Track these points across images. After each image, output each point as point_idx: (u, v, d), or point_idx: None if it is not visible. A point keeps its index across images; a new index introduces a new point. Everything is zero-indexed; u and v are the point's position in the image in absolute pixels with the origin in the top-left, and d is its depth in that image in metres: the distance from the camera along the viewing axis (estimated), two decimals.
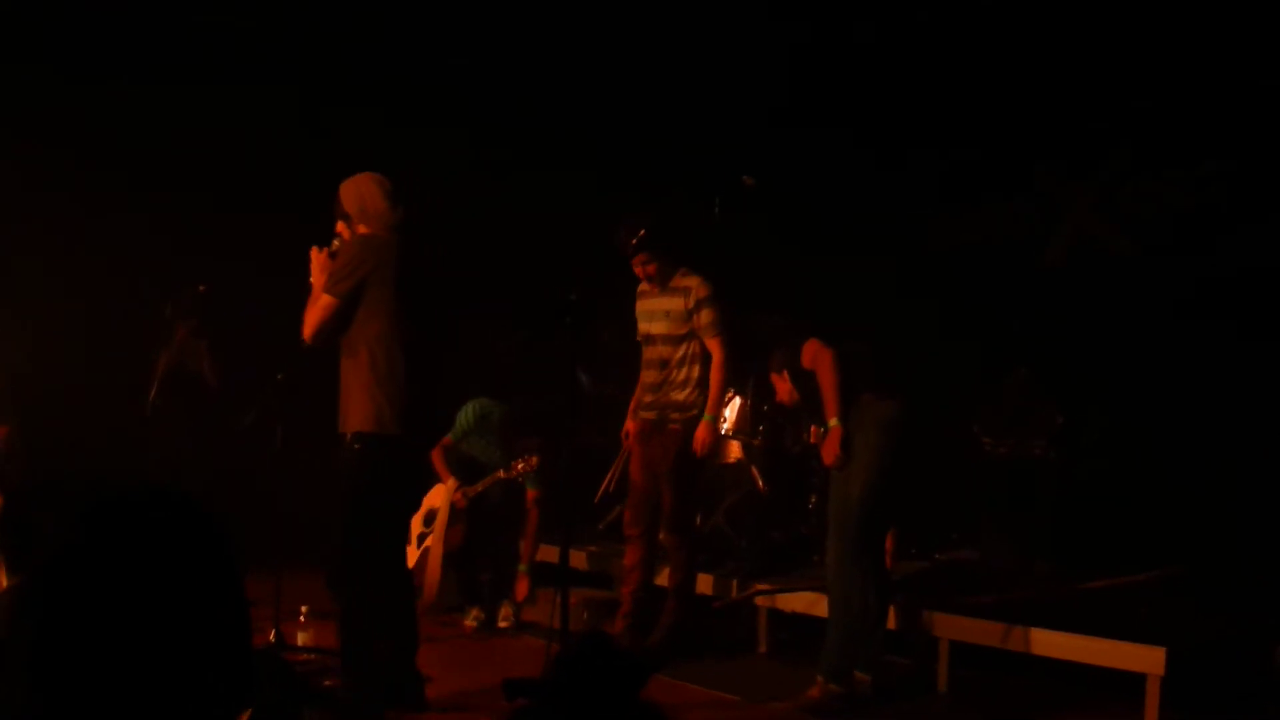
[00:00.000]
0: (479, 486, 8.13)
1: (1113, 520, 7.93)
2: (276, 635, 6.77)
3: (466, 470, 8.30)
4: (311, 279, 5.63)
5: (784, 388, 6.74)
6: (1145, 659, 5.66)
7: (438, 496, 8.26)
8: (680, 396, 7.11)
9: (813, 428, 8.52)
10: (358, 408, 5.43)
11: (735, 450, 8.57)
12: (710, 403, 7.03)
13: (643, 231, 6.98)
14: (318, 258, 5.64)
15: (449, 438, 8.34)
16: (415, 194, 5.73)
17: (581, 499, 8.38)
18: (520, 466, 7.95)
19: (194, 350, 8.72)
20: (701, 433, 6.98)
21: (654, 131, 10.00)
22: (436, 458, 8.32)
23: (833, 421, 6.27)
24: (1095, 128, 9.04)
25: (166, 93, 9.09)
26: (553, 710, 1.42)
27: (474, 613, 8.15)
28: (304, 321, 5.52)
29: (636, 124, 10.09)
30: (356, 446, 5.42)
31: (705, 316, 7.01)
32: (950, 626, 6.53)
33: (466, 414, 8.34)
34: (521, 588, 8.20)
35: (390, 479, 5.48)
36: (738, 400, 8.43)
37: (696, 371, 7.10)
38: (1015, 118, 9.20)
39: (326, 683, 5.53)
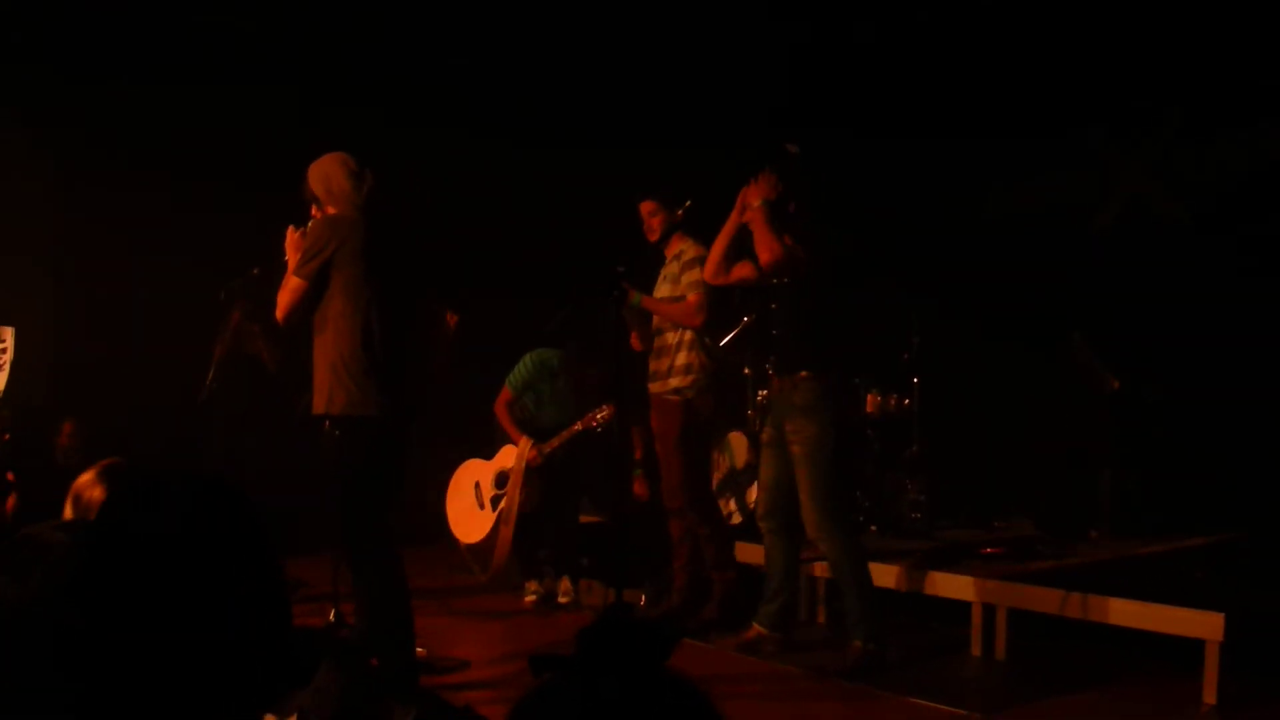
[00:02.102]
0: (554, 442, 8.11)
1: (1170, 486, 7.88)
2: (336, 615, 6.83)
3: (530, 428, 8.28)
4: (286, 258, 5.68)
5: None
6: (1204, 625, 5.62)
7: (509, 457, 8.23)
8: (681, 361, 7.14)
9: (869, 396, 8.55)
10: (329, 389, 5.42)
11: None
12: (650, 307, 7.16)
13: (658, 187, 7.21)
14: (292, 237, 5.71)
15: (509, 392, 8.35)
16: (393, 178, 5.70)
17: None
18: (601, 416, 7.90)
19: (248, 334, 8.77)
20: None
21: (657, 133, 9.97)
22: (503, 416, 8.32)
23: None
24: (1145, 92, 8.95)
25: (167, 93, 9.16)
26: (575, 683, 1.42)
27: (532, 587, 8.18)
28: (277, 303, 5.53)
29: (640, 125, 10.09)
30: (336, 432, 5.42)
31: (689, 275, 7.06)
32: (1008, 594, 6.51)
33: (525, 365, 8.33)
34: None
35: (371, 460, 5.46)
36: None
37: (689, 335, 7.13)
38: (1066, 85, 9.13)
39: (373, 661, 5.56)
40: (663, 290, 7.25)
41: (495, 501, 8.24)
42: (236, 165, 9.23)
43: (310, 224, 5.65)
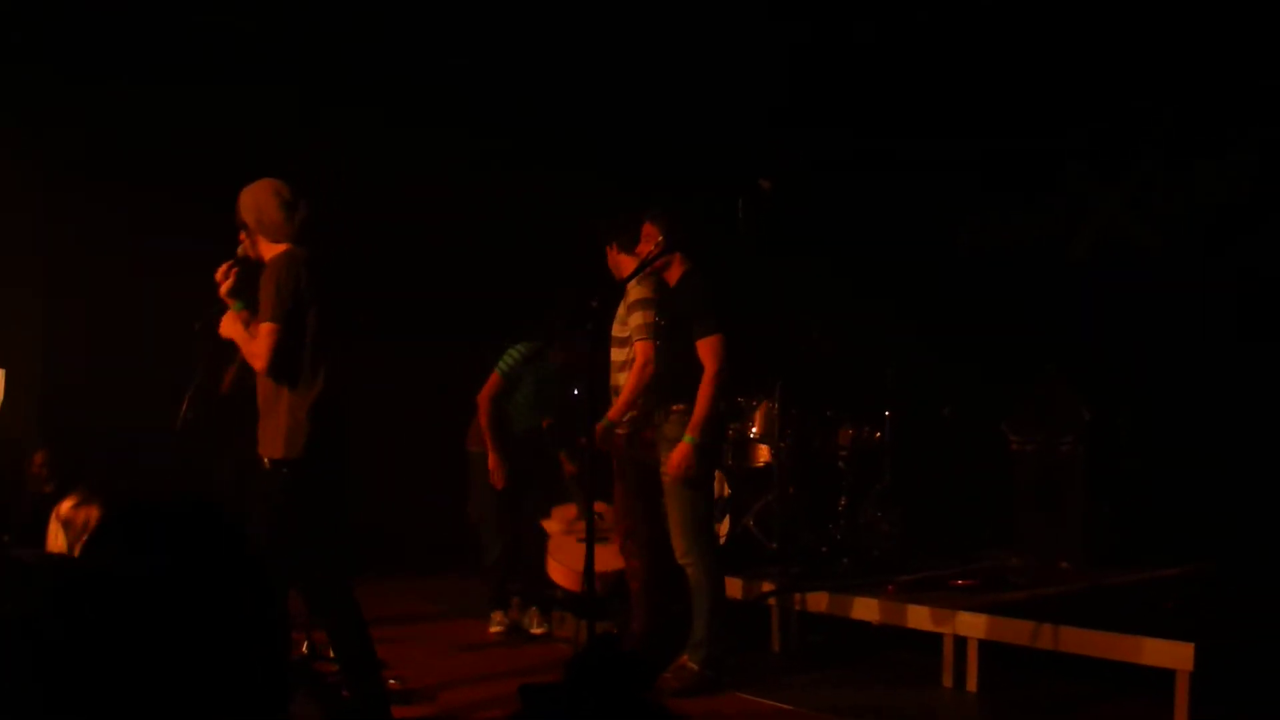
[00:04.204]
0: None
1: (1141, 516, 7.93)
2: (309, 646, 6.81)
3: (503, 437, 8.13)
4: (221, 292, 5.58)
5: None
6: (1174, 655, 5.64)
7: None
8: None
9: (841, 429, 8.58)
10: (282, 432, 5.37)
11: (764, 454, 8.57)
12: (615, 408, 6.83)
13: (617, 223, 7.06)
14: (228, 279, 5.58)
15: (499, 380, 8.11)
16: (326, 202, 5.66)
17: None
18: None
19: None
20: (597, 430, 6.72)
21: (657, 133, 9.99)
22: (485, 411, 8.08)
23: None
24: (1121, 123, 9.03)
25: (167, 93, 9.13)
26: (558, 713, 1.44)
27: (498, 618, 8.15)
28: (251, 355, 5.40)
29: (640, 126, 10.11)
30: (285, 472, 5.35)
31: (634, 319, 6.80)
32: (979, 625, 6.53)
33: (516, 352, 8.15)
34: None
35: (325, 497, 5.46)
36: (765, 403, 8.43)
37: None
38: (1042, 117, 9.20)
39: (345, 694, 5.58)
40: (614, 329, 7.03)
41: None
42: (233, 172, 9.19)
43: (240, 250, 5.55)
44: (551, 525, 8.08)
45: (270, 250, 5.50)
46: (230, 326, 5.56)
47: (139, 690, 1.62)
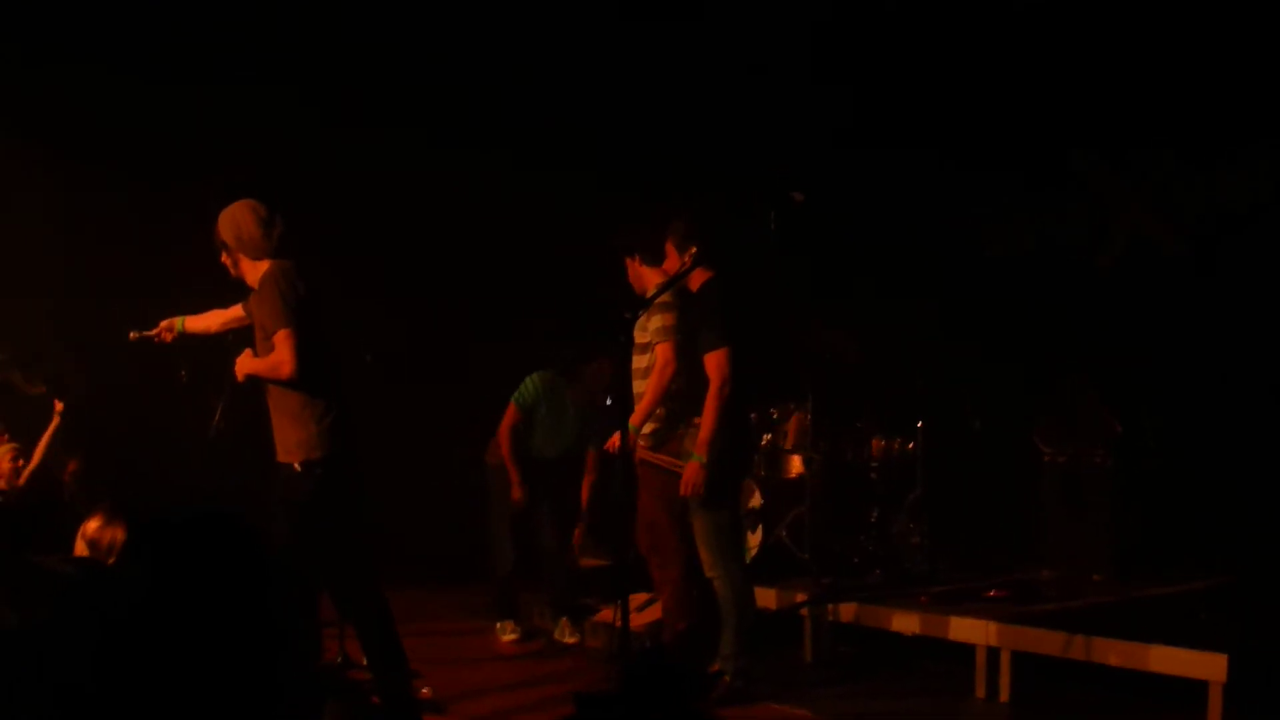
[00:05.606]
0: None
1: (1172, 527, 7.91)
2: (342, 654, 6.84)
3: (525, 458, 8.23)
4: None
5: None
6: (1207, 666, 5.64)
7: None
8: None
9: (874, 440, 8.57)
10: (311, 434, 5.54)
11: (796, 464, 8.59)
12: (638, 412, 6.67)
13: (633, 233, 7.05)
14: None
15: (517, 412, 8.19)
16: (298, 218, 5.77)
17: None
18: None
19: None
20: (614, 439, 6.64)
21: (684, 145, 9.99)
22: (506, 442, 8.17)
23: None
24: (1140, 127, 9.01)
25: (194, 95, 9.14)
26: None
27: (510, 626, 8.21)
28: (276, 367, 5.51)
29: (667, 139, 10.10)
30: (319, 473, 5.53)
31: (654, 322, 6.72)
32: (1012, 636, 6.53)
33: (533, 383, 8.24)
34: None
35: (351, 494, 5.68)
36: (797, 414, 8.45)
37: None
38: (1060, 121, 9.20)
39: (375, 700, 5.63)
40: (635, 336, 6.87)
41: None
42: (267, 177, 9.18)
43: (264, 277, 5.62)
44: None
45: (252, 267, 5.69)
46: (244, 364, 5.73)
47: (160, 695, 1.65)
